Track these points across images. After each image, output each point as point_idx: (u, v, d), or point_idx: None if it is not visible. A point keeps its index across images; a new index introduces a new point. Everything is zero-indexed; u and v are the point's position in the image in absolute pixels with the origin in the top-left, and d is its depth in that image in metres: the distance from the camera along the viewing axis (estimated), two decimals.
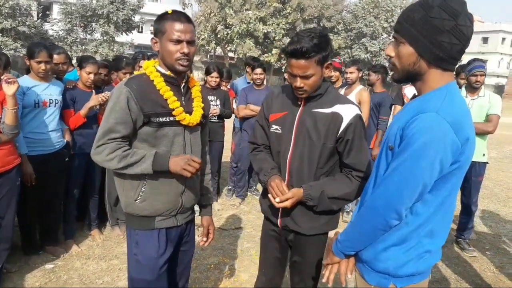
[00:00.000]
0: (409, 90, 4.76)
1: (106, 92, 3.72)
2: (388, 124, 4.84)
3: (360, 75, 5.04)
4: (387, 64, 30.94)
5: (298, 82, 1.97)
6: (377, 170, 1.58)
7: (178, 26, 1.85)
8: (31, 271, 3.40)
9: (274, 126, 2.17)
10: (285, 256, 2.37)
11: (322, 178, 2.10)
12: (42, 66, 3.29)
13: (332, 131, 2.02)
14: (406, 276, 1.52)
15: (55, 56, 3.65)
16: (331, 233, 1.83)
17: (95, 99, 3.64)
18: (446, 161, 1.36)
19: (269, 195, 2.04)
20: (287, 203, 2.00)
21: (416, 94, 1.58)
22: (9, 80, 2.77)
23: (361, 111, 2.12)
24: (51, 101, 3.44)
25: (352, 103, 2.13)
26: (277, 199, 1.99)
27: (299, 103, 2.11)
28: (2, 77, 2.85)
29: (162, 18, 1.89)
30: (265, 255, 2.40)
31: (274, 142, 2.19)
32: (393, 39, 1.53)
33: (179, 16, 1.88)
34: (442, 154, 1.34)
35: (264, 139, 2.26)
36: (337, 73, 5.53)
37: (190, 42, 1.89)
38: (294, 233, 2.20)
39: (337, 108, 2.04)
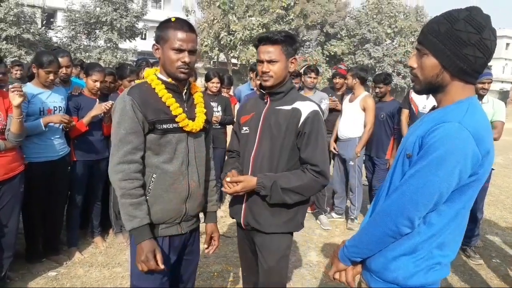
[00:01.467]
0: (415, 95, 4.73)
1: (110, 101, 3.71)
2: (403, 132, 4.83)
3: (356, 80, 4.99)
4: (390, 70, 30.86)
5: (265, 67, 2.14)
6: (391, 178, 1.57)
7: (181, 35, 1.85)
8: (34, 279, 3.39)
9: (244, 128, 2.32)
10: (256, 258, 2.38)
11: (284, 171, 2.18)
12: (51, 76, 3.32)
13: (292, 126, 2.15)
14: (415, 287, 1.49)
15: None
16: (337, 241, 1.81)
17: (98, 108, 3.64)
18: (465, 172, 1.35)
19: (222, 188, 2.15)
20: (238, 187, 2.10)
21: (436, 106, 1.57)
22: (17, 92, 2.81)
23: (321, 109, 2.24)
24: (55, 108, 3.45)
25: (313, 101, 2.26)
26: (227, 178, 2.11)
27: (265, 102, 2.25)
28: (10, 87, 2.88)
29: (165, 25, 1.88)
30: (241, 260, 2.52)
31: (242, 143, 2.32)
32: (416, 50, 1.52)
33: (182, 24, 1.88)
34: (462, 164, 1.33)
35: (238, 146, 2.38)
36: (342, 80, 5.52)
37: (192, 51, 1.90)
38: (256, 232, 2.25)
39: (297, 104, 2.18)
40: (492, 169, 4.22)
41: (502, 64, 48.13)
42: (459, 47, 1.37)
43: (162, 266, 1.84)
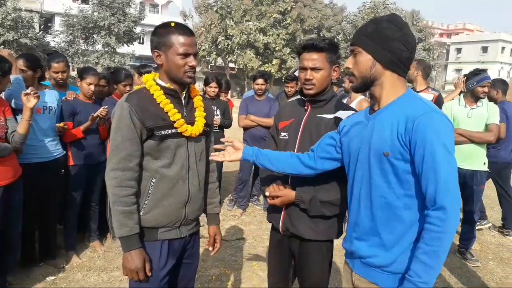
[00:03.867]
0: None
1: (105, 106, 3.72)
2: None
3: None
4: None
5: (308, 74, 2.12)
6: (369, 179, 1.64)
7: (185, 39, 1.86)
8: (32, 284, 3.38)
9: (283, 133, 2.29)
10: (289, 265, 2.37)
11: (322, 183, 2.13)
12: (25, 74, 3.36)
13: None
14: None
15: (54, 64, 3.67)
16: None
17: (90, 120, 3.70)
18: None
19: (266, 193, 2.16)
20: (277, 201, 2.12)
21: (372, 102, 1.74)
22: (33, 94, 2.89)
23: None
24: (45, 108, 3.43)
25: (355, 110, 2.21)
26: (266, 192, 2.13)
27: (306, 109, 2.22)
28: (28, 90, 2.92)
29: (165, 31, 1.88)
30: (271, 264, 2.45)
31: (280, 148, 2.27)
32: (351, 53, 1.70)
33: (184, 29, 1.89)
34: (452, 140, 1.53)
35: (274, 149, 2.32)
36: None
37: (196, 55, 1.93)
38: (295, 239, 2.23)
39: (339, 114, 2.14)
40: (488, 171, 4.27)
41: (497, 67, 48.35)
42: (386, 40, 1.60)
43: (149, 274, 1.90)
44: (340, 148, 1.87)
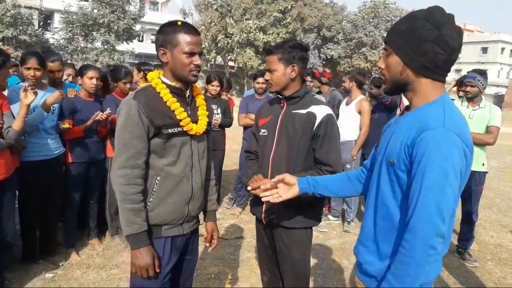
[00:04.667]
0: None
1: (108, 111, 3.70)
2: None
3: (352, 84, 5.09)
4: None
5: (266, 75, 2.36)
6: (377, 187, 1.57)
7: (191, 39, 1.88)
8: (30, 280, 3.39)
9: (262, 130, 2.46)
10: (276, 255, 2.50)
11: (304, 171, 2.28)
12: (32, 72, 3.29)
13: (307, 129, 2.29)
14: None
15: (49, 64, 3.63)
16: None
17: (91, 120, 3.68)
18: (463, 172, 1.39)
19: (248, 188, 2.19)
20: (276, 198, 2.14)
21: (409, 106, 1.59)
22: (30, 90, 2.87)
23: (333, 112, 2.38)
24: None
25: (325, 104, 2.44)
26: (262, 186, 2.09)
27: (282, 106, 2.40)
28: (26, 86, 2.90)
29: (172, 29, 1.89)
30: (260, 255, 2.63)
31: (261, 144, 2.46)
32: (383, 51, 1.59)
33: (190, 28, 1.91)
34: (460, 165, 1.36)
35: (256, 147, 2.53)
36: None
37: (200, 54, 1.95)
38: (277, 227, 2.37)
39: (312, 109, 2.32)
40: (487, 172, 4.28)
41: (497, 68, 48.45)
42: (418, 43, 1.42)
43: (158, 270, 1.91)
44: None
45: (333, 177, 2.01)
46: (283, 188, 1.93)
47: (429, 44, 1.41)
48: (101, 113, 3.64)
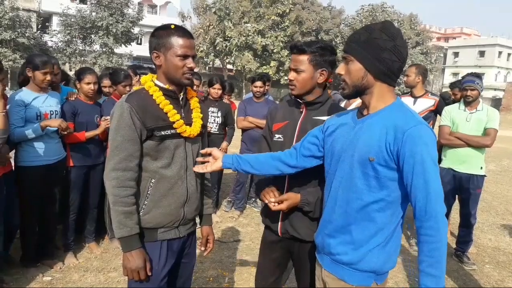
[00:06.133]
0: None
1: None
2: None
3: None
4: None
5: (290, 75, 2.17)
6: (350, 181, 1.68)
7: (184, 41, 1.88)
8: (28, 283, 3.37)
9: (277, 135, 2.28)
10: (284, 265, 2.39)
11: (321, 185, 2.12)
12: (48, 77, 3.32)
13: None
14: (386, 272, 1.71)
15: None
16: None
17: (101, 128, 3.71)
18: None
19: (265, 201, 2.10)
20: (283, 206, 2.05)
21: (361, 107, 1.76)
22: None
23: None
24: (51, 112, 3.46)
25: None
26: (272, 199, 2.07)
27: (301, 111, 2.22)
28: None
29: (165, 32, 1.90)
30: (261, 263, 2.46)
31: (277, 150, 2.22)
32: (343, 59, 1.71)
33: (183, 31, 1.91)
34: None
35: (267, 151, 2.30)
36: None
37: (194, 57, 1.95)
38: (294, 241, 2.23)
39: None
40: (485, 175, 4.29)
41: (494, 72, 48.61)
42: (378, 51, 1.60)
43: (150, 273, 1.91)
44: (323, 147, 1.89)
45: (258, 155, 2.09)
46: (210, 161, 2.05)
47: (387, 53, 1.59)
48: (106, 119, 3.64)
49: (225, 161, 2.02)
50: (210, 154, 2.05)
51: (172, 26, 1.92)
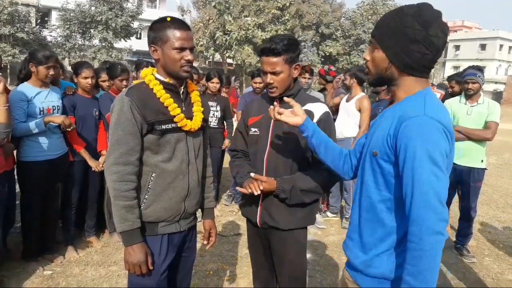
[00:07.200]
0: None
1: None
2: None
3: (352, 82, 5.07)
4: None
5: (268, 78, 2.15)
6: (362, 177, 1.60)
7: (181, 33, 1.86)
8: (29, 278, 3.38)
9: (253, 129, 2.32)
10: (270, 256, 2.42)
11: (296, 173, 2.20)
12: (51, 71, 3.33)
13: None
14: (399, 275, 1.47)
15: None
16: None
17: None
18: (448, 153, 1.39)
19: (243, 189, 2.12)
20: (264, 185, 2.09)
21: (391, 98, 1.62)
22: None
23: (329, 109, 2.29)
24: (54, 107, 3.47)
25: (321, 102, 2.34)
26: (252, 174, 2.13)
27: (275, 104, 2.19)
28: None
29: (161, 25, 1.88)
30: (252, 256, 2.52)
31: (252, 144, 2.32)
32: (369, 43, 1.58)
33: (180, 24, 1.90)
34: (444, 146, 1.37)
35: (243, 145, 2.40)
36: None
37: (192, 49, 1.93)
38: (272, 229, 2.27)
39: (309, 106, 2.22)
40: (485, 169, 4.29)
41: (495, 65, 48.44)
42: (406, 43, 1.43)
43: (151, 267, 1.91)
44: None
45: (332, 143, 1.95)
46: (287, 114, 1.97)
47: (416, 45, 1.42)
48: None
49: (305, 124, 1.92)
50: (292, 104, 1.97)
51: (168, 19, 1.90)
